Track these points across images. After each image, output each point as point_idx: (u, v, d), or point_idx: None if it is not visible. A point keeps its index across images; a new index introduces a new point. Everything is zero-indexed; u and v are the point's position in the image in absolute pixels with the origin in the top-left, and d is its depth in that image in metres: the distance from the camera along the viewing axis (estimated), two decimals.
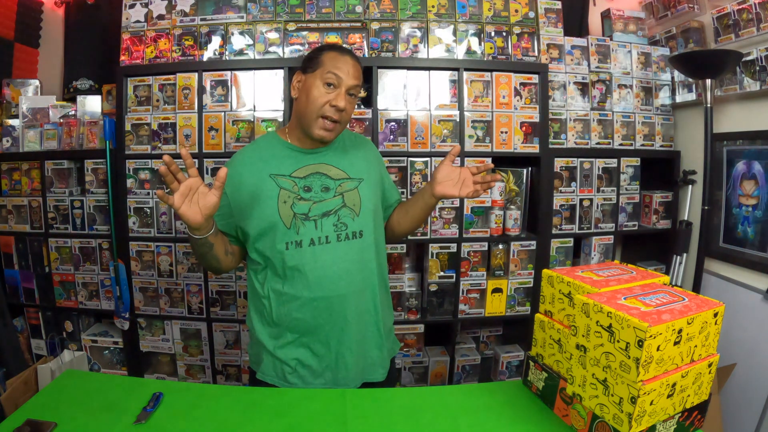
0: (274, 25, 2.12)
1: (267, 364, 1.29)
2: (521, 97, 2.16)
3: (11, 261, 2.34)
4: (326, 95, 1.20)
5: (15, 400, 1.30)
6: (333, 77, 1.20)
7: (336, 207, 1.24)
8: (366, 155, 1.37)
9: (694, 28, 2.20)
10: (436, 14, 2.16)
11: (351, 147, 1.36)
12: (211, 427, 1.03)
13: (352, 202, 1.26)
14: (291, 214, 1.21)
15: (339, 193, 1.25)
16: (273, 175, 1.24)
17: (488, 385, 1.23)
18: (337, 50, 1.24)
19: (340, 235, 1.23)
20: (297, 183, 1.23)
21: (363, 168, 1.32)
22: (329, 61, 1.21)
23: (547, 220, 2.20)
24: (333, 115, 1.20)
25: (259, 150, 1.30)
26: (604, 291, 0.99)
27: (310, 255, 1.21)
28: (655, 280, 1.07)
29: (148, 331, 2.25)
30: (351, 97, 1.24)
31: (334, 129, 1.23)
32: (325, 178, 1.26)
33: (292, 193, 1.22)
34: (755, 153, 1.96)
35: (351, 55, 1.24)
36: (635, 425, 0.86)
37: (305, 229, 1.21)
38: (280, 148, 1.29)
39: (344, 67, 1.21)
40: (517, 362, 2.33)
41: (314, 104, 1.20)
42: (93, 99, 2.37)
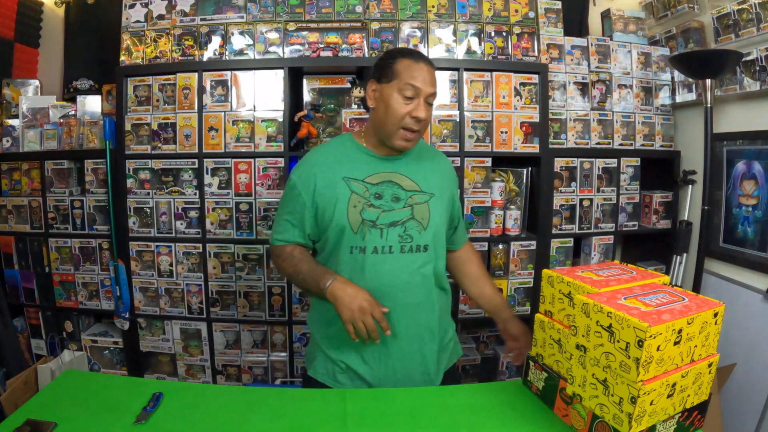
0: (274, 25, 2.12)
1: (320, 362, 1.31)
2: (521, 97, 2.16)
3: (11, 261, 2.34)
4: (405, 107, 1.19)
5: (15, 400, 1.29)
6: (411, 90, 1.18)
7: (404, 218, 1.23)
8: (441, 170, 1.36)
9: (694, 28, 2.20)
10: (436, 14, 2.16)
11: (426, 159, 1.34)
12: (211, 427, 1.03)
13: (420, 216, 1.25)
14: (359, 219, 1.21)
15: (409, 204, 1.24)
16: (346, 178, 1.24)
17: (488, 385, 1.23)
18: (410, 57, 1.21)
19: (404, 246, 1.23)
20: (369, 189, 1.23)
21: (435, 183, 1.30)
22: (405, 72, 1.19)
23: (547, 220, 2.20)
24: (414, 126, 1.20)
25: (333, 152, 1.29)
26: (605, 291, 0.99)
27: (372, 263, 1.21)
28: (655, 280, 1.07)
29: (148, 331, 2.25)
30: (428, 105, 1.22)
31: (414, 138, 1.23)
32: (397, 188, 1.25)
33: (362, 199, 1.22)
34: (755, 153, 1.96)
35: (425, 61, 1.22)
36: (635, 425, 0.86)
37: (371, 236, 1.21)
38: (355, 152, 1.29)
39: (420, 75, 1.19)
40: None
41: (394, 116, 1.20)
42: (93, 99, 2.37)
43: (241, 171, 2.09)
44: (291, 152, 2.09)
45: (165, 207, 2.13)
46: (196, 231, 2.13)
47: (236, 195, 2.10)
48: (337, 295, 1.14)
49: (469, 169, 2.12)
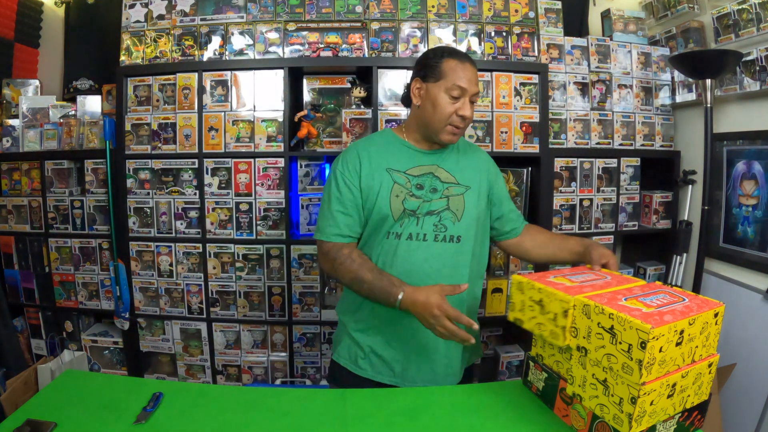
0: (274, 25, 2.12)
1: (344, 345, 1.34)
2: (521, 97, 2.16)
3: (11, 261, 2.34)
4: (452, 106, 1.23)
5: (15, 400, 1.30)
6: (458, 90, 1.22)
7: (440, 208, 1.27)
8: (477, 165, 1.38)
9: (694, 28, 2.20)
10: (436, 14, 2.16)
11: (464, 154, 1.38)
12: (211, 427, 1.03)
13: (455, 207, 1.28)
14: (401, 208, 1.25)
15: (445, 196, 1.28)
16: (389, 169, 1.28)
17: (488, 385, 1.23)
18: (456, 58, 1.25)
19: (438, 235, 1.26)
20: (410, 180, 1.27)
21: (472, 176, 1.34)
22: (451, 73, 1.23)
23: (547, 220, 2.20)
24: (460, 123, 1.25)
25: (376, 143, 1.33)
26: (604, 293, 0.99)
27: (405, 248, 1.24)
28: (632, 285, 1.05)
29: (148, 331, 2.25)
30: (472, 104, 1.27)
31: (459, 133, 1.28)
32: (436, 180, 1.29)
33: (404, 189, 1.26)
34: (755, 153, 1.96)
35: (470, 62, 1.26)
36: (635, 425, 0.86)
37: (408, 224, 1.25)
38: (397, 145, 1.33)
39: (466, 76, 1.23)
40: (517, 362, 2.33)
41: (441, 114, 1.24)
42: (93, 99, 2.37)
43: (241, 171, 2.09)
44: (291, 152, 2.09)
45: (165, 207, 2.13)
46: (196, 231, 2.13)
47: (236, 195, 2.10)
48: (411, 311, 1.13)
49: None
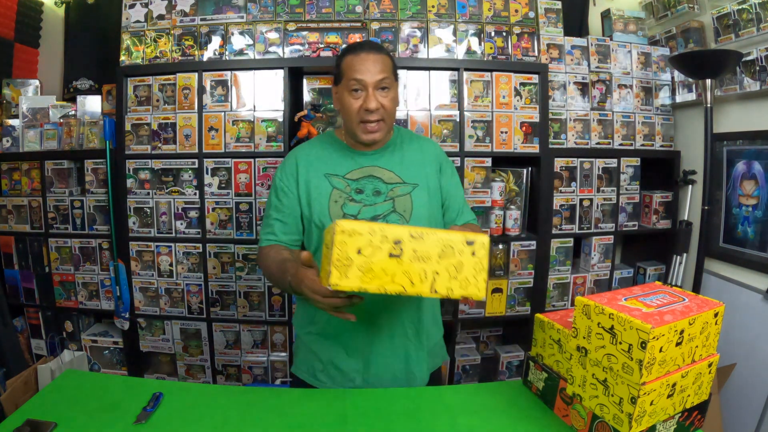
0: (274, 25, 2.12)
1: (302, 358, 1.32)
2: (521, 97, 2.16)
3: (11, 261, 2.34)
4: (356, 102, 1.19)
5: (15, 400, 1.30)
6: (356, 83, 1.18)
7: (385, 212, 1.23)
8: (423, 158, 1.31)
9: (694, 28, 2.20)
10: (436, 14, 2.16)
11: (408, 149, 1.32)
12: (211, 427, 1.03)
13: (402, 208, 1.23)
14: (341, 214, 1.21)
15: (390, 198, 1.24)
16: (327, 175, 1.25)
17: (488, 385, 1.23)
18: (351, 52, 1.21)
19: None
20: (350, 184, 1.24)
21: (418, 172, 1.28)
22: (347, 69, 1.19)
23: (547, 220, 2.20)
24: (369, 117, 1.19)
25: (315, 149, 1.31)
26: (604, 294, 0.99)
27: None
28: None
29: (148, 331, 2.25)
30: (384, 91, 1.20)
31: (378, 128, 1.22)
32: (378, 182, 1.24)
33: (343, 194, 1.23)
34: (755, 153, 1.96)
35: (366, 50, 1.19)
36: (635, 425, 0.86)
37: None
38: (336, 149, 1.30)
39: (362, 66, 1.17)
40: (517, 362, 2.33)
41: (350, 114, 1.21)
42: (93, 99, 2.37)
43: (241, 171, 2.09)
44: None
45: (165, 207, 2.13)
46: (196, 231, 2.13)
47: (236, 195, 2.10)
48: (299, 289, 1.04)
49: (469, 169, 2.12)
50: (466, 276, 0.89)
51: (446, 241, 0.88)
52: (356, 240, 0.86)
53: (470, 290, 0.89)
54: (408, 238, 0.87)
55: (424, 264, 0.88)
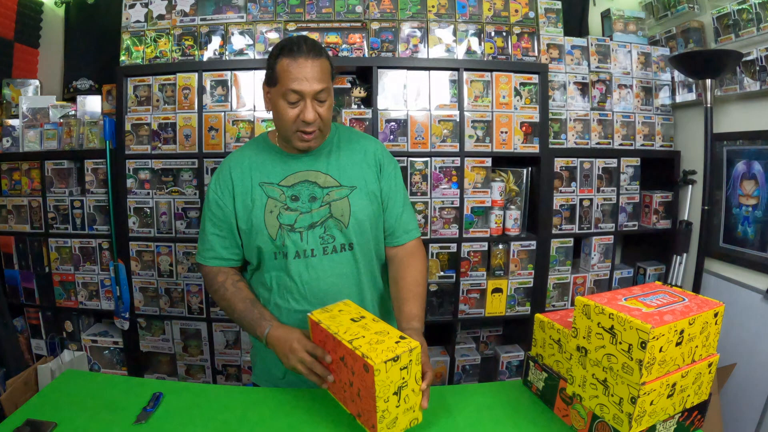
0: (274, 25, 2.12)
1: (260, 367, 1.30)
2: (521, 97, 2.16)
3: (11, 261, 2.33)
4: (292, 111, 1.11)
5: (15, 400, 1.30)
6: (293, 95, 1.09)
7: (322, 218, 1.18)
8: (361, 159, 1.24)
9: (694, 28, 2.20)
10: (436, 14, 2.16)
11: (345, 149, 1.25)
12: (211, 427, 1.03)
13: (339, 213, 1.19)
14: (277, 224, 1.17)
15: (326, 202, 1.18)
16: (262, 183, 1.19)
17: (488, 385, 1.23)
18: (288, 56, 1.09)
19: (326, 248, 1.18)
20: (284, 192, 1.18)
21: (356, 174, 1.22)
22: (283, 74, 1.09)
23: (547, 220, 2.20)
24: (307, 128, 1.13)
25: (249, 156, 1.24)
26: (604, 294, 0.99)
27: (296, 268, 1.17)
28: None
29: (148, 331, 2.25)
30: (322, 103, 1.13)
31: (314, 137, 1.15)
32: (314, 187, 1.19)
33: (279, 203, 1.18)
34: (755, 153, 1.96)
35: (304, 55, 1.08)
36: (635, 425, 0.86)
37: (290, 241, 1.17)
38: (269, 154, 1.23)
39: (300, 75, 1.08)
40: (517, 362, 2.33)
41: (284, 121, 1.13)
42: (93, 99, 2.36)
43: None
44: None
45: (165, 207, 2.13)
46: (196, 231, 2.13)
47: None
48: (273, 346, 1.10)
49: (469, 169, 2.12)
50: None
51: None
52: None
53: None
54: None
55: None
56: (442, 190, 2.11)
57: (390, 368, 0.87)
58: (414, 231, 1.30)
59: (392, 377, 0.88)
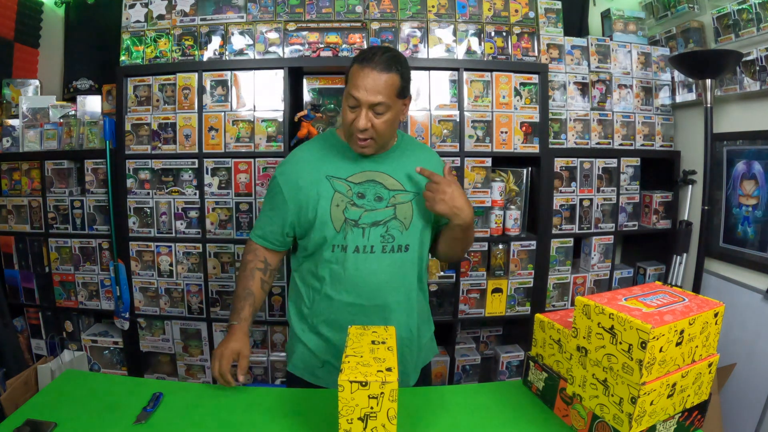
0: (274, 25, 2.12)
1: (298, 355, 1.32)
2: (521, 97, 2.16)
3: (11, 261, 2.33)
4: (350, 114, 1.17)
5: (15, 400, 1.30)
6: (352, 100, 1.15)
7: (386, 218, 1.23)
8: (426, 168, 1.28)
9: (694, 28, 2.20)
10: (436, 14, 2.16)
11: (411, 156, 1.31)
12: (211, 427, 1.03)
13: (403, 215, 1.24)
14: (342, 218, 1.21)
15: (392, 204, 1.24)
16: (330, 177, 1.23)
17: (488, 385, 1.23)
18: (358, 62, 1.15)
19: (386, 246, 1.23)
20: (352, 188, 1.23)
21: (420, 182, 1.27)
22: (351, 79, 1.16)
23: (547, 220, 2.20)
24: (360, 135, 1.17)
25: (318, 149, 1.29)
26: (604, 294, 0.99)
27: (353, 262, 1.21)
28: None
29: (148, 331, 2.25)
30: (379, 115, 1.15)
31: (368, 145, 1.20)
32: (380, 188, 1.24)
33: (345, 197, 1.22)
34: (755, 153, 1.96)
35: (371, 66, 1.13)
36: (635, 425, 0.86)
37: (352, 236, 1.21)
38: (339, 150, 1.27)
39: (362, 83, 1.13)
40: (517, 362, 2.33)
41: (345, 123, 1.20)
42: (93, 99, 2.37)
43: (241, 171, 2.09)
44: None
45: (165, 207, 2.13)
46: (196, 231, 2.13)
47: (236, 195, 2.10)
48: (226, 338, 1.24)
49: (469, 169, 2.12)
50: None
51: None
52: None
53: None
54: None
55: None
56: None
57: (355, 390, 0.87)
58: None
59: (357, 401, 0.87)
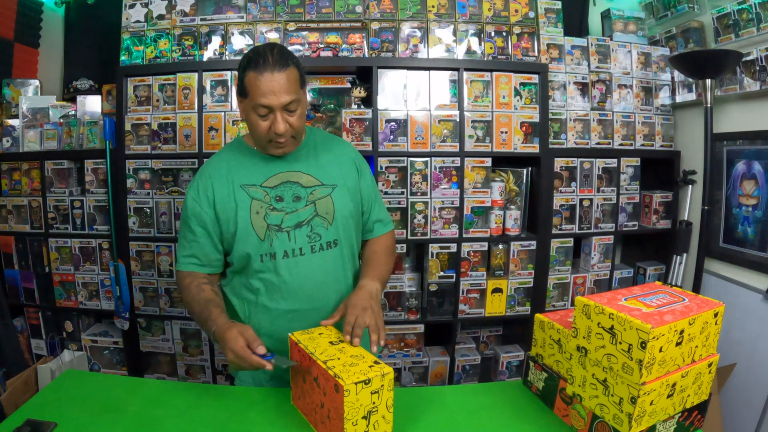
0: (274, 25, 2.12)
1: (244, 371, 1.28)
2: (521, 97, 2.16)
3: (11, 261, 2.33)
4: (263, 123, 1.13)
5: (15, 400, 1.30)
6: (262, 109, 1.11)
7: (308, 217, 1.21)
8: (339, 159, 1.30)
9: (694, 28, 2.20)
10: (436, 14, 2.15)
11: (323, 150, 1.29)
12: (211, 427, 1.03)
13: (324, 211, 1.22)
14: (264, 225, 1.19)
15: (311, 201, 1.21)
16: (244, 186, 1.20)
17: (488, 385, 1.23)
18: (254, 69, 1.09)
19: (314, 246, 1.21)
20: (268, 193, 1.20)
21: (336, 173, 1.26)
22: (252, 89, 1.10)
23: (547, 220, 2.20)
24: (278, 139, 1.15)
25: (226, 160, 1.25)
26: (604, 294, 0.99)
27: (285, 267, 1.19)
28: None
29: (148, 331, 2.25)
30: (292, 113, 1.14)
31: (287, 144, 1.18)
32: (297, 187, 1.21)
33: (264, 203, 1.19)
34: (755, 153, 1.96)
35: (270, 68, 1.08)
36: (635, 425, 0.86)
37: (278, 241, 1.19)
38: (248, 157, 1.24)
39: (267, 88, 1.08)
40: (517, 362, 2.33)
41: (257, 133, 1.16)
42: (93, 99, 2.37)
43: None
44: None
45: (165, 207, 2.13)
46: None
47: None
48: (220, 342, 1.09)
49: (469, 169, 2.12)
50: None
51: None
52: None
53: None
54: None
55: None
56: (442, 190, 2.11)
57: (360, 391, 0.87)
58: (390, 223, 1.42)
59: (362, 400, 0.88)
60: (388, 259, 1.34)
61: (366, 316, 1.08)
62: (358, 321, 1.06)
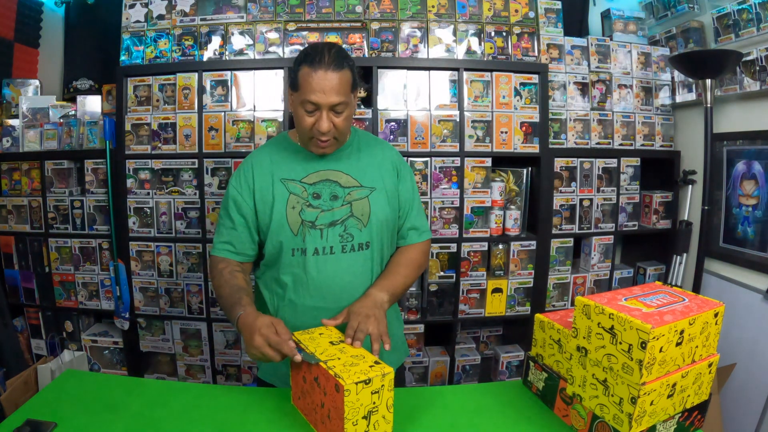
0: (274, 25, 2.12)
1: (268, 363, 1.28)
2: (521, 97, 2.16)
3: (11, 261, 2.33)
4: (309, 119, 1.14)
5: (15, 400, 1.30)
6: (310, 105, 1.12)
7: (343, 217, 1.21)
8: (381, 162, 1.29)
9: (694, 28, 2.20)
10: (436, 14, 2.15)
11: (366, 152, 1.29)
12: (211, 427, 1.03)
13: (360, 212, 1.22)
14: (299, 220, 1.20)
15: (347, 202, 1.22)
16: (284, 180, 1.22)
17: (488, 385, 1.23)
18: (309, 64, 1.11)
19: (345, 246, 1.21)
20: (306, 189, 1.21)
21: (376, 176, 1.26)
22: (303, 84, 1.11)
23: (547, 220, 2.20)
24: (321, 137, 1.16)
25: (270, 153, 1.27)
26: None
27: (314, 264, 1.20)
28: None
29: (148, 331, 2.25)
30: (338, 114, 1.15)
31: (329, 144, 1.19)
32: (335, 186, 1.22)
33: (301, 199, 1.21)
34: (755, 153, 1.96)
35: (325, 67, 1.10)
36: (635, 425, 0.86)
37: (311, 238, 1.19)
38: (291, 152, 1.26)
39: (319, 86, 1.10)
40: (517, 362, 2.33)
41: (301, 128, 1.17)
42: (93, 99, 2.37)
43: None
44: None
45: (165, 207, 2.13)
46: (196, 231, 2.13)
47: None
48: (241, 332, 1.08)
49: (469, 169, 2.12)
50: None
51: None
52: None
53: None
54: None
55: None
56: (442, 190, 2.11)
57: (361, 390, 0.87)
58: (426, 233, 1.37)
59: (363, 400, 0.88)
60: (407, 272, 1.29)
61: (369, 324, 1.07)
62: (360, 327, 1.06)
